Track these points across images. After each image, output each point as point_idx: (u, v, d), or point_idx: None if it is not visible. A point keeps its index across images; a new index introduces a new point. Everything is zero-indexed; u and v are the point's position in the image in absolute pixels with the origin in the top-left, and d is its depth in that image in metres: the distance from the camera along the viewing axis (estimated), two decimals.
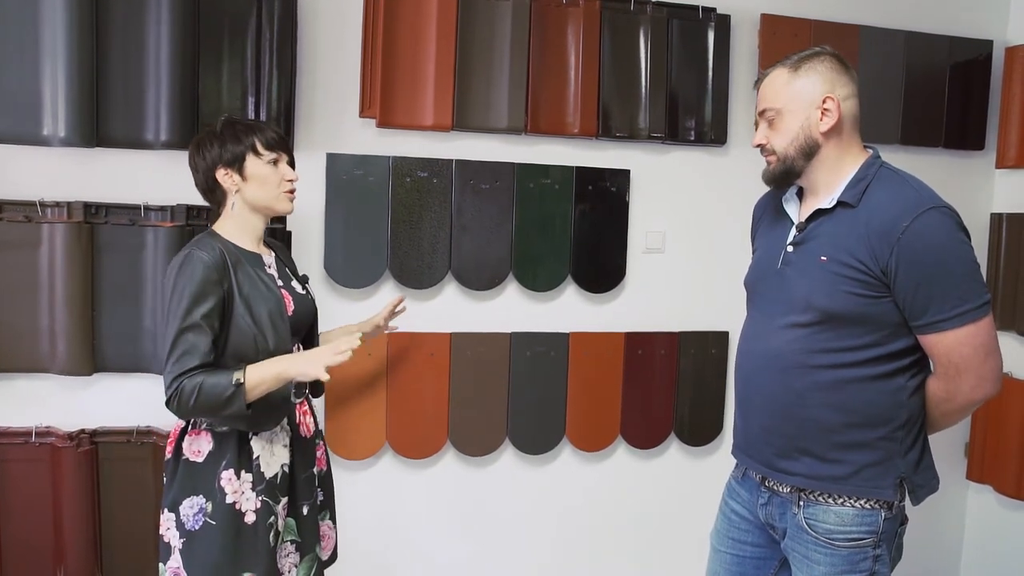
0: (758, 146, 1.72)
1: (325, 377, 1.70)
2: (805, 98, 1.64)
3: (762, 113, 1.71)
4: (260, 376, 1.70)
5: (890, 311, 1.58)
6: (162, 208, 2.21)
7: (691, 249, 2.73)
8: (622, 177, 2.61)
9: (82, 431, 2.21)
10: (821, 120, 1.63)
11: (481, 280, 2.51)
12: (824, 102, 1.63)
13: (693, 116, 2.66)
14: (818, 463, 1.64)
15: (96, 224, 2.17)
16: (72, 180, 2.19)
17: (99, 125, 2.14)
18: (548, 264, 2.56)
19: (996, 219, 2.93)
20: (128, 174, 2.23)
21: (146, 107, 2.17)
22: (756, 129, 1.74)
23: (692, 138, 2.66)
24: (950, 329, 1.55)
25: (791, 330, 1.65)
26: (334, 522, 2.02)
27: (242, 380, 1.67)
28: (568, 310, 2.62)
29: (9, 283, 2.13)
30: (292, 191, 1.86)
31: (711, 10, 2.64)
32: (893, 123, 2.83)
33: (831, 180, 1.66)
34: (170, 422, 1.84)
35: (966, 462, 3.04)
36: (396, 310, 2.29)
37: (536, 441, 2.61)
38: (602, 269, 2.63)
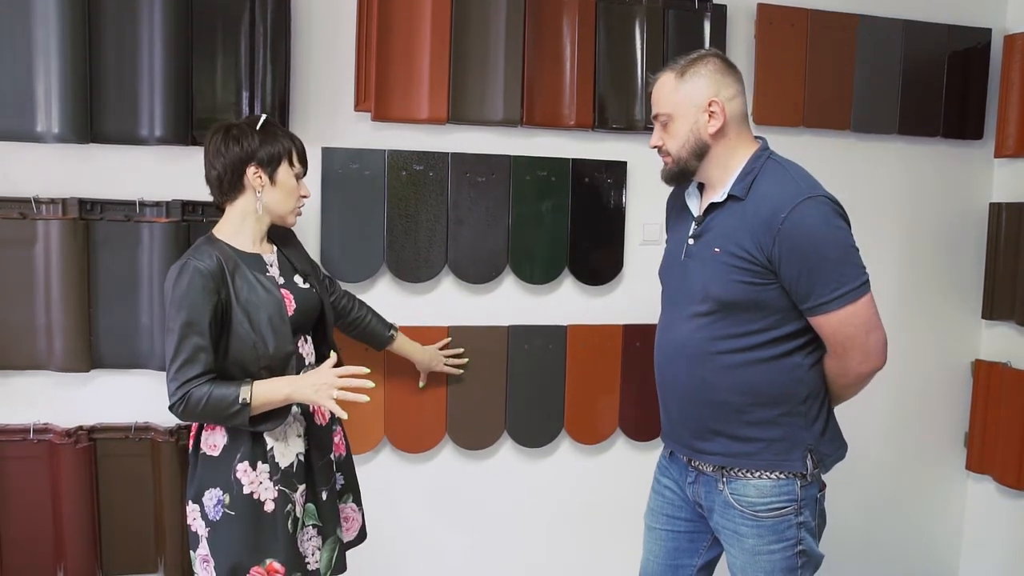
0: (654, 147, 1.81)
1: (342, 415, 1.75)
2: (691, 102, 1.73)
3: (656, 117, 1.79)
4: (267, 398, 1.74)
5: (779, 297, 1.68)
6: (157, 204, 2.20)
7: None
8: (619, 169, 2.60)
9: (80, 428, 2.21)
10: (708, 123, 1.72)
11: (478, 273, 2.51)
12: (710, 105, 1.71)
13: None
14: (731, 442, 1.75)
15: (91, 220, 2.17)
16: (67, 176, 2.19)
17: (93, 121, 2.14)
18: (545, 257, 2.55)
19: (995, 208, 2.92)
20: (123, 170, 2.22)
21: (140, 103, 2.17)
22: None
23: None
24: (832, 311, 1.65)
25: (693, 320, 1.76)
26: (359, 504, 2.08)
27: (248, 400, 1.71)
28: (565, 303, 2.62)
29: (5, 280, 2.13)
30: (302, 207, 1.92)
31: (707, 0, 2.63)
32: (891, 113, 2.82)
33: (723, 175, 1.75)
34: (167, 418, 1.85)
35: (965, 452, 3.04)
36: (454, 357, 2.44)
37: (535, 434, 2.61)
38: (599, 261, 2.62)
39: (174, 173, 2.17)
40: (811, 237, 1.62)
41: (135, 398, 2.25)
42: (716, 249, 1.71)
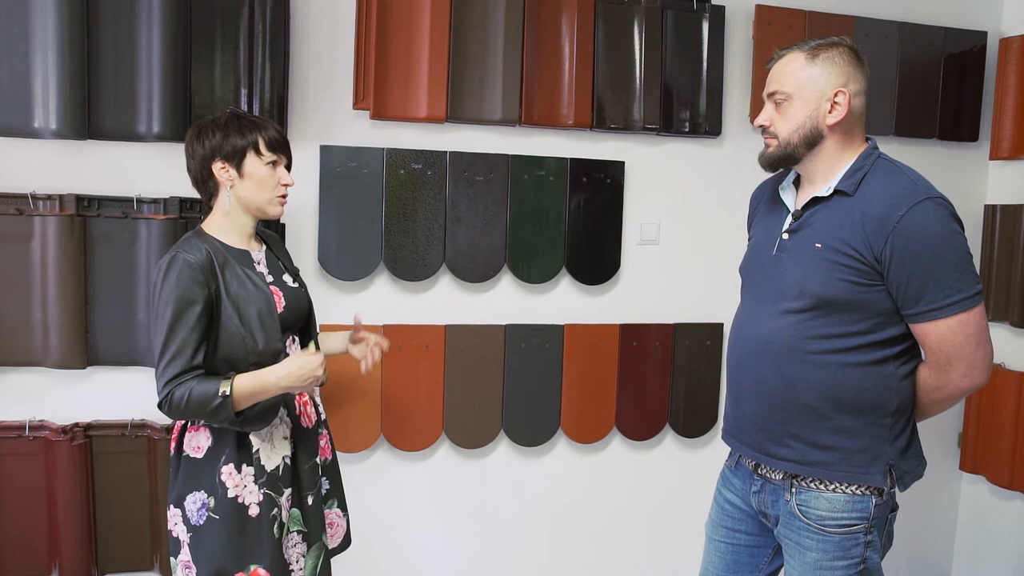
0: (760, 126, 1.71)
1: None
2: (817, 88, 1.63)
3: (771, 95, 1.69)
4: (250, 389, 1.69)
5: (883, 299, 1.59)
6: (155, 201, 2.20)
7: (686, 241, 2.73)
8: (617, 169, 2.61)
9: (76, 425, 2.21)
10: (830, 112, 1.63)
11: (476, 272, 2.51)
12: (836, 95, 1.62)
13: (688, 107, 2.65)
14: (809, 448, 1.66)
15: (88, 217, 2.16)
16: (64, 172, 2.18)
17: (91, 117, 2.13)
18: (543, 256, 2.56)
19: (990, 210, 2.94)
20: (120, 166, 2.22)
21: (138, 99, 2.16)
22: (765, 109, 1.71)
23: (687, 129, 2.66)
24: (942, 318, 1.56)
25: (784, 316, 1.66)
26: (344, 510, 2.03)
27: (228, 393, 1.66)
28: (563, 302, 2.62)
29: (1, 277, 2.12)
30: (285, 196, 1.83)
31: (705, 1, 2.63)
32: (887, 114, 2.83)
33: (828, 171, 1.67)
34: (164, 415, 1.83)
35: (959, 453, 3.05)
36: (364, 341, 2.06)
37: (531, 433, 2.62)
38: (597, 261, 2.63)
39: (172, 169, 2.16)
40: (928, 239, 1.54)
41: (131, 395, 2.25)
42: (817, 245, 1.62)
